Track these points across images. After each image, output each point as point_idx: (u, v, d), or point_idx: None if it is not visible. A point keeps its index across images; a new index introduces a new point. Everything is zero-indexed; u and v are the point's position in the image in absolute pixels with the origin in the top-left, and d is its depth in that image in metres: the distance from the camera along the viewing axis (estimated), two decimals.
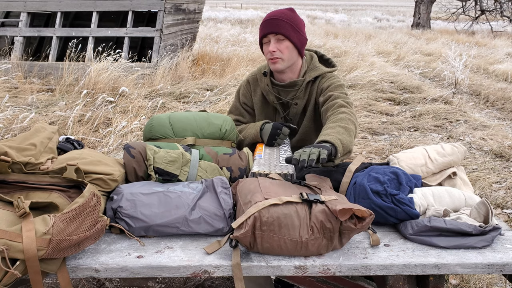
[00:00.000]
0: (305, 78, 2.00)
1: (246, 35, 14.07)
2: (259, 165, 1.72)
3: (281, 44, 1.89)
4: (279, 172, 1.65)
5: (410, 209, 1.44)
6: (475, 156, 4.32)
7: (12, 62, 7.05)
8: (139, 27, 7.58)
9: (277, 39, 1.89)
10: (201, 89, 6.74)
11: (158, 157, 1.58)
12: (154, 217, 1.40)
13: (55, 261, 1.21)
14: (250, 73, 2.21)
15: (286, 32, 1.87)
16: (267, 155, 1.84)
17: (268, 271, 1.30)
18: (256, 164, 1.73)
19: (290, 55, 1.92)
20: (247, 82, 2.17)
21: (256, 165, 1.72)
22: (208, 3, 38.14)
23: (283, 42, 1.89)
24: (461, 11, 20.37)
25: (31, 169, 1.36)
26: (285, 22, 1.88)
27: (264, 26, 1.91)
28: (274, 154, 1.86)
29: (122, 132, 4.19)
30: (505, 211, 3.18)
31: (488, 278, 2.38)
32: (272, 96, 2.06)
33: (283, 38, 1.88)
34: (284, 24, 1.87)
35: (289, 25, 1.88)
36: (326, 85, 1.97)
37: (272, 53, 1.89)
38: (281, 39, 1.88)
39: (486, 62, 9.84)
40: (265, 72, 2.06)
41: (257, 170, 1.67)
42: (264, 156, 1.82)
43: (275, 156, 1.83)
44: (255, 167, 1.69)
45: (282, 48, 1.89)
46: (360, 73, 7.97)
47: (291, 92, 2.03)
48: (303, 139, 2.11)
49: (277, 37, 1.88)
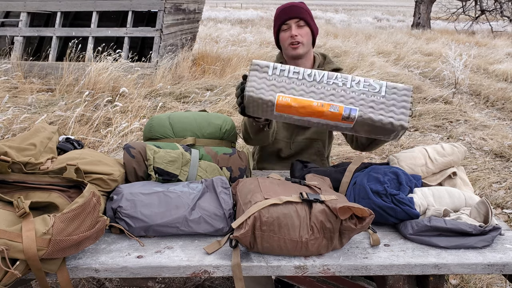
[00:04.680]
0: (324, 68, 2.07)
1: (246, 35, 14.06)
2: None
3: (302, 29, 1.95)
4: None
5: (410, 209, 1.44)
6: (475, 156, 4.32)
7: (12, 62, 7.05)
8: (139, 27, 7.57)
9: (298, 25, 1.95)
10: (201, 89, 6.74)
11: (158, 157, 1.58)
12: (154, 217, 1.40)
13: (55, 261, 1.21)
14: None
15: (307, 18, 1.95)
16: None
17: (268, 271, 1.30)
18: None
19: (309, 42, 1.99)
20: None
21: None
22: (208, 3, 38.17)
23: (304, 28, 1.96)
24: (461, 11, 20.37)
25: (31, 169, 1.36)
26: (304, 10, 1.96)
27: (285, 12, 1.96)
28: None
29: (122, 132, 4.19)
30: (505, 211, 3.18)
31: (488, 278, 2.38)
32: None
33: (304, 24, 1.95)
34: (303, 11, 1.96)
35: (307, 13, 1.97)
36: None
37: (295, 37, 1.94)
38: (301, 25, 1.95)
39: (486, 62, 9.84)
40: (282, 63, 2.08)
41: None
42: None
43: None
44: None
45: (303, 33, 1.95)
46: (360, 73, 7.97)
47: None
48: (316, 131, 2.13)
49: (299, 22, 1.95)
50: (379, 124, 1.47)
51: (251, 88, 1.52)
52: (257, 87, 1.52)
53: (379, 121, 1.46)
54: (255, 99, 1.52)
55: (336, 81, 1.52)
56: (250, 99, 1.53)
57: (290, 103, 1.50)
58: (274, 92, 1.51)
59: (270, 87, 1.52)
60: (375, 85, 1.51)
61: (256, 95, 1.51)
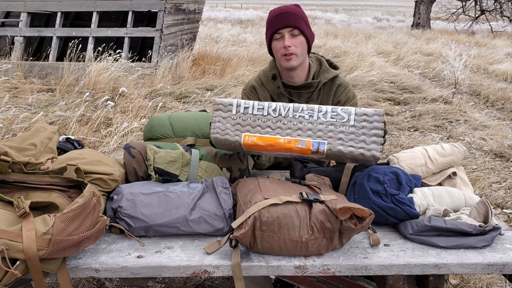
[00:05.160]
0: (320, 79, 1.91)
1: (246, 35, 14.06)
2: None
3: (296, 39, 1.79)
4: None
5: (410, 209, 1.44)
6: (475, 156, 4.32)
7: (12, 62, 7.05)
8: (139, 27, 7.58)
9: (292, 34, 1.78)
10: (201, 89, 6.74)
11: (158, 157, 1.58)
12: (154, 217, 1.40)
13: (55, 261, 1.21)
14: (252, 78, 2.06)
15: (301, 26, 1.78)
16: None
17: (268, 271, 1.30)
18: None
19: (303, 51, 1.83)
20: (252, 88, 2.03)
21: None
22: (208, 3, 38.15)
23: (298, 37, 1.79)
24: (461, 11, 20.37)
25: (31, 169, 1.36)
26: (298, 16, 1.78)
27: (277, 20, 1.78)
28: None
29: (122, 132, 4.20)
30: (505, 211, 3.18)
31: (488, 278, 2.39)
32: (285, 99, 1.95)
33: (298, 33, 1.78)
34: (298, 18, 1.78)
35: (302, 19, 1.79)
36: (343, 100, 1.92)
37: (288, 48, 1.78)
38: (295, 34, 1.78)
39: (486, 62, 9.84)
40: (274, 74, 1.95)
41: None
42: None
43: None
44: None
45: (297, 44, 1.79)
46: (360, 73, 7.97)
47: (304, 94, 1.94)
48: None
49: (292, 31, 1.78)
50: (349, 156, 1.45)
51: (217, 129, 1.52)
52: (222, 128, 1.52)
53: (350, 153, 1.44)
54: (221, 141, 1.52)
55: (303, 114, 1.48)
56: (217, 141, 1.53)
57: (256, 142, 1.49)
58: (239, 131, 1.50)
59: (235, 126, 1.51)
60: (343, 114, 1.46)
61: (222, 136, 1.52)
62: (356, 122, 1.45)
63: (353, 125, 1.44)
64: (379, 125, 1.44)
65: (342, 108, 1.47)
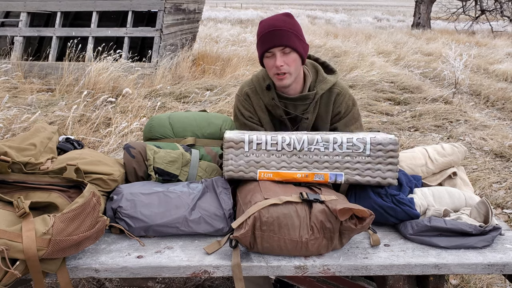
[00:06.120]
0: (316, 91, 1.81)
1: (246, 35, 14.05)
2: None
3: (288, 57, 1.69)
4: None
5: (410, 209, 1.44)
6: (475, 156, 4.31)
7: (12, 62, 7.05)
8: (139, 27, 7.57)
9: (283, 52, 1.68)
10: (201, 89, 6.74)
11: (158, 157, 1.58)
12: (154, 217, 1.40)
13: (55, 261, 1.21)
14: (245, 84, 1.93)
15: (293, 44, 1.67)
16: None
17: (268, 271, 1.30)
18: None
19: (297, 67, 1.73)
20: (246, 96, 1.90)
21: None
22: (208, 3, 38.15)
23: (290, 54, 1.69)
24: (461, 11, 20.37)
25: (31, 169, 1.35)
26: (289, 32, 1.67)
27: (267, 38, 1.69)
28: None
29: (122, 132, 4.19)
30: (505, 211, 3.18)
31: (488, 278, 2.38)
32: (280, 111, 1.84)
33: (290, 51, 1.68)
34: (289, 35, 1.67)
35: (294, 34, 1.69)
36: (343, 109, 1.83)
37: (280, 68, 1.68)
38: (287, 52, 1.68)
39: (486, 62, 9.84)
40: (269, 85, 1.83)
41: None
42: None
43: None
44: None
45: (289, 62, 1.69)
46: (360, 73, 7.97)
47: (300, 106, 1.83)
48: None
49: (284, 50, 1.68)
50: (366, 184, 1.48)
51: (230, 167, 1.49)
52: (235, 166, 1.49)
53: (367, 182, 1.47)
54: (236, 177, 1.50)
55: (318, 147, 1.47)
56: (231, 178, 1.51)
57: (273, 178, 1.48)
58: (254, 168, 1.49)
59: (249, 163, 1.49)
60: (359, 144, 1.46)
61: (236, 174, 1.50)
62: (372, 152, 1.46)
63: (369, 155, 1.46)
64: (395, 154, 1.46)
65: (357, 138, 1.47)
